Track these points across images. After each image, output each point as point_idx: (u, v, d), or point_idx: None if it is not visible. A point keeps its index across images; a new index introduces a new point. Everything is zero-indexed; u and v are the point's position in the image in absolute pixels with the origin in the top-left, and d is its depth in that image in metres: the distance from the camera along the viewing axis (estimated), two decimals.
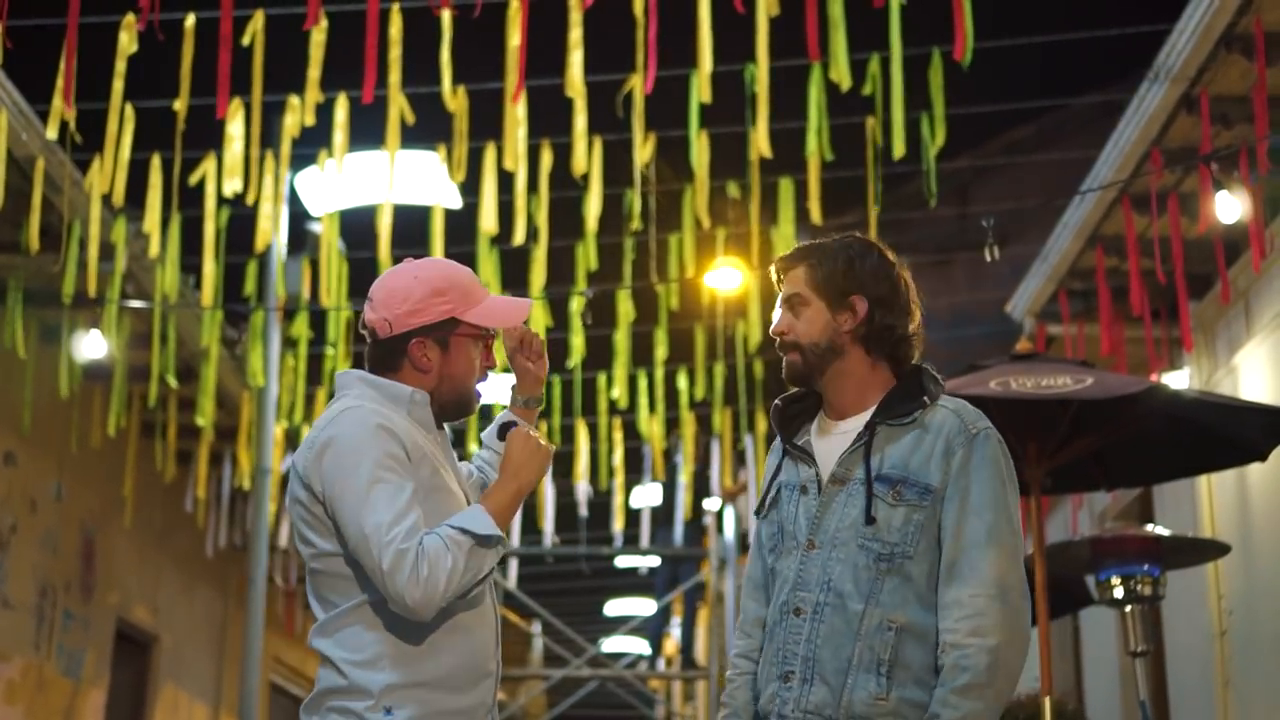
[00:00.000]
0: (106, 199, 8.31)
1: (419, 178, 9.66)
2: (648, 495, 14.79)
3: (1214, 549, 7.16)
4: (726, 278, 10.86)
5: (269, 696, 16.05)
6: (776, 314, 3.48)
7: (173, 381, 10.03)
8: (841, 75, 7.39)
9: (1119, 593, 6.40)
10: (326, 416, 3.35)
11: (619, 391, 11.08)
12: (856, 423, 3.36)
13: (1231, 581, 9.40)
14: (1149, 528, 7.01)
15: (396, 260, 3.91)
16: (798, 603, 3.26)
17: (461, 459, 3.64)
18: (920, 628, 3.19)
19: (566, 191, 8.94)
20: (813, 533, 3.29)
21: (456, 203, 9.73)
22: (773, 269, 3.53)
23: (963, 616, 3.14)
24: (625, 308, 10.40)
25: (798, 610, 3.26)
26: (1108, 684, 11.53)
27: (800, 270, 3.44)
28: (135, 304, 9.75)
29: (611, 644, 20.33)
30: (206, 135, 8.56)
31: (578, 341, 10.29)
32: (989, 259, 5.77)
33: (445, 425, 3.50)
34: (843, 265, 3.40)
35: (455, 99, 7.98)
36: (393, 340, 3.40)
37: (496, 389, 13.17)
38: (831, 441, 3.38)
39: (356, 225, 10.03)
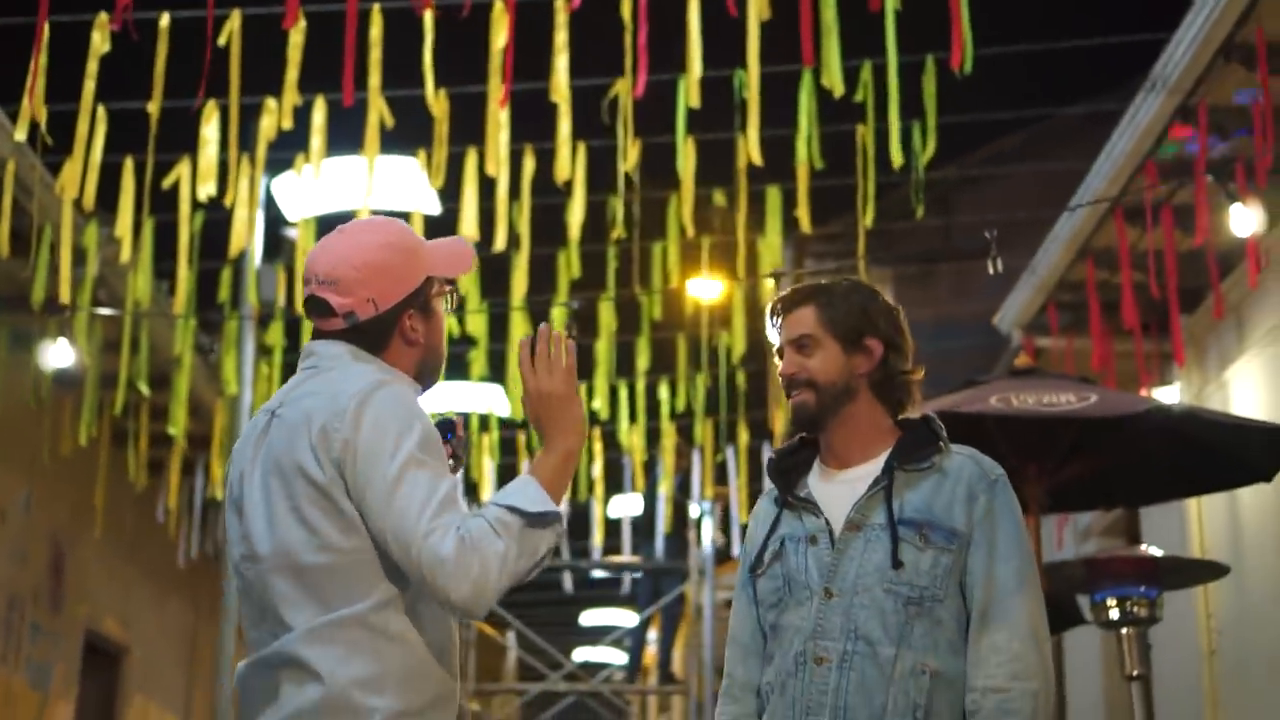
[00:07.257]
0: (78, 203, 8.09)
1: (398, 183, 9.45)
2: (628, 505, 14.54)
3: (1211, 570, 6.99)
4: (708, 287, 10.66)
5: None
6: (782, 357, 3.34)
7: (144, 389, 9.81)
8: (834, 81, 7.21)
9: (1114, 614, 6.21)
10: (356, 384, 2.81)
11: (600, 402, 10.88)
12: (865, 470, 3.26)
13: (1221, 601, 9.26)
14: (1144, 548, 6.83)
15: None
16: (820, 652, 3.13)
17: None
18: (951, 674, 3.11)
19: (549, 198, 8.74)
20: (829, 581, 3.17)
21: (435, 209, 9.54)
22: (770, 308, 3.39)
23: (1002, 661, 3.07)
24: (607, 317, 10.21)
25: (820, 659, 3.13)
26: (1093, 707, 11.36)
27: (808, 310, 3.32)
28: (106, 311, 9.52)
29: (587, 655, 20.14)
30: (181, 138, 8.33)
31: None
32: (992, 271, 5.60)
33: None
34: (856, 307, 3.30)
35: (437, 102, 7.77)
36: (379, 320, 2.89)
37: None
38: (837, 490, 3.27)
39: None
